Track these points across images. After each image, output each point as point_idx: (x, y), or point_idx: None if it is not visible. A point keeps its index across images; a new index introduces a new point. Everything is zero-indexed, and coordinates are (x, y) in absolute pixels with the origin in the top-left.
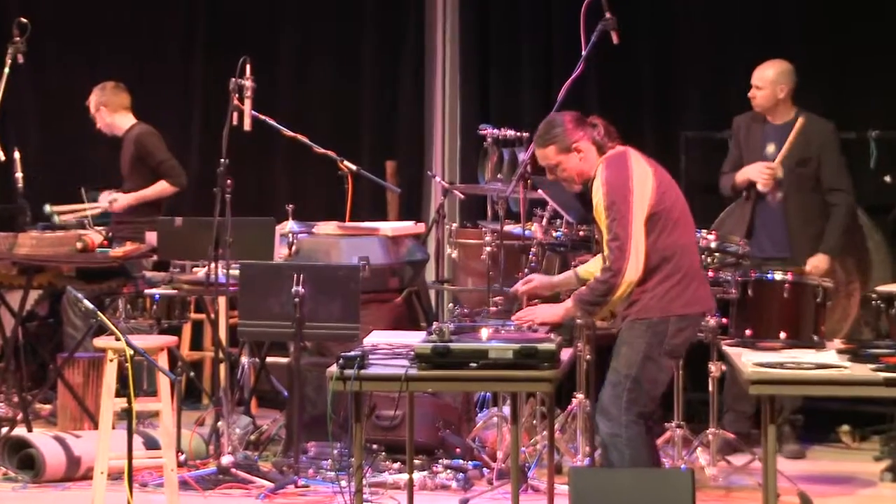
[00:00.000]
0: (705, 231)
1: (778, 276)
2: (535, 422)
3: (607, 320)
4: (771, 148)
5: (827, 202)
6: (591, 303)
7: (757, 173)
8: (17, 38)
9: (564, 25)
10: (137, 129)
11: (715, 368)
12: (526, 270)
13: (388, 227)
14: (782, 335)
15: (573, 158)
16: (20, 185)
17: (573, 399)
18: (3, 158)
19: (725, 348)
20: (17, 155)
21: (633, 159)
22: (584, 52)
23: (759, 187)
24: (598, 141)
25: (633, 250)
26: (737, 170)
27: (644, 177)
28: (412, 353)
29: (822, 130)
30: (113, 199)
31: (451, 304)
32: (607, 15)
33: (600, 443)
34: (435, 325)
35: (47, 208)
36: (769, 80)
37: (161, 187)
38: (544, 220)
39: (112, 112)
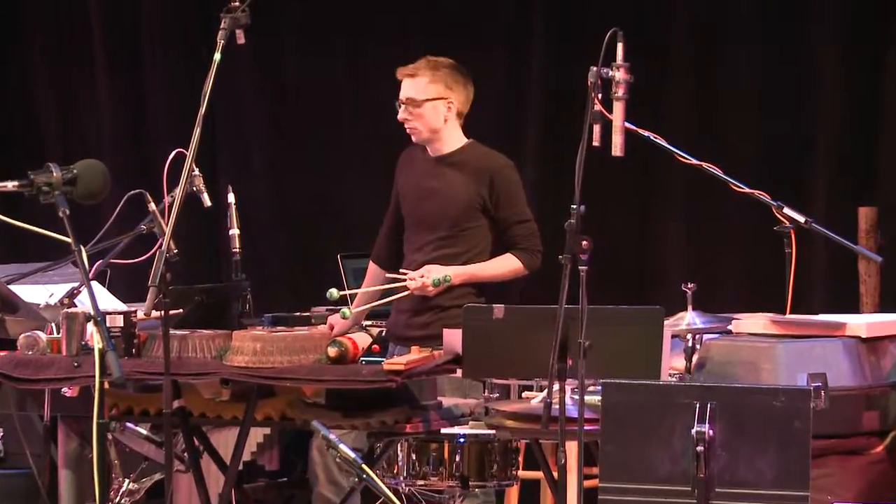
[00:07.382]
0: None
1: None
2: None
3: None
4: None
5: None
6: None
7: None
8: (236, 4)
9: None
10: (497, 160)
11: None
12: None
13: (861, 322)
14: None
15: None
16: (236, 249)
17: None
18: (209, 204)
19: None
20: (231, 198)
21: None
22: None
23: None
24: None
25: None
26: None
27: None
28: None
29: None
30: (444, 277)
31: None
32: None
33: None
34: None
35: (333, 293)
36: None
37: (510, 265)
38: None
39: (454, 113)
